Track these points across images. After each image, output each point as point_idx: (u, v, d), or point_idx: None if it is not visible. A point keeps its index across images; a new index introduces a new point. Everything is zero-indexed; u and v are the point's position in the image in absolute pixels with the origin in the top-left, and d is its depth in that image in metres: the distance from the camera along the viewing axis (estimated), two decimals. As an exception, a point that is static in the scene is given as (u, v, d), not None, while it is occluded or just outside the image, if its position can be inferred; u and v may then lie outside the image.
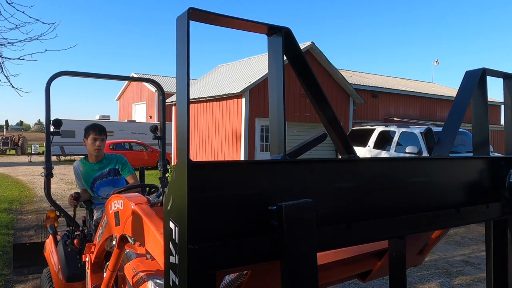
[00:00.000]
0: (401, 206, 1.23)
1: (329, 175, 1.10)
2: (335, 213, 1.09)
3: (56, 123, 3.50)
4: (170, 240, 0.88)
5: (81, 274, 2.91)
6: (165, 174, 4.17)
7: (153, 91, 30.86)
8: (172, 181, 0.89)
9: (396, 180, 1.25)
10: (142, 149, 20.25)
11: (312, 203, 0.94)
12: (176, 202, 0.87)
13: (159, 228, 1.60)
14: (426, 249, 1.99)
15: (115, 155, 3.76)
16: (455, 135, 1.47)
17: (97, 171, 3.55)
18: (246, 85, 13.59)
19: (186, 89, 0.87)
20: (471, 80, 1.51)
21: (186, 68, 0.87)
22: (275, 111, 1.15)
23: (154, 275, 2.18)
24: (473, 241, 7.24)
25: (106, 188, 3.52)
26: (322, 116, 1.27)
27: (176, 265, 0.86)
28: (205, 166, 0.88)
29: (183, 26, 0.89)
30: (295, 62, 1.18)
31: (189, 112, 0.87)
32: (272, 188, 0.97)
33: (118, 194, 2.08)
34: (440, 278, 5.30)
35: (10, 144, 30.26)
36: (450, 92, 23.99)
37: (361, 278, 1.99)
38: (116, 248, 2.13)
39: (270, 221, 0.93)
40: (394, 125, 12.75)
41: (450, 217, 1.33)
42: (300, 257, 0.92)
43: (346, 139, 1.32)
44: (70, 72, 3.77)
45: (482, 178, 1.48)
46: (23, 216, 8.78)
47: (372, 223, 1.15)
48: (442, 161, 1.38)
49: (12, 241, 6.63)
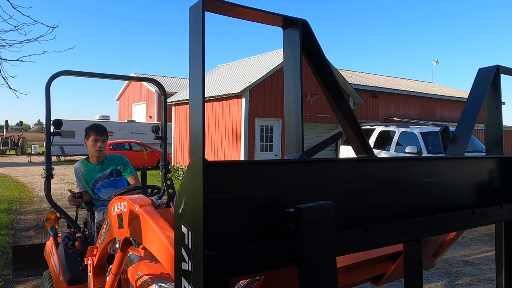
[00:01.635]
0: (418, 208, 1.19)
1: (347, 176, 1.06)
2: (352, 216, 1.05)
3: (57, 124, 3.48)
4: (182, 245, 0.83)
5: (82, 276, 2.88)
6: (167, 174, 4.14)
7: (153, 91, 30.82)
8: (184, 182, 0.83)
9: (413, 180, 1.21)
10: (142, 149, 20.25)
11: (332, 205, 0.90)
12: (188, 205, 0.82)
13: (165, 231, 1.56)
14: (440, 251, 1.94)
15: (117, 155, 3.73)
16: (470, 134, 1.43)
17: (98, 172, 3.51)
18: (246, 85, 13.59)
19: (201, 86, 0.81)
20: (484, 78, 1.47)
21: (201, 63, 0.80)
22: (292, 109, 1.08)
23: (158, 278, 2.16)
24: (473, 241, 7.24)
25: (108, 189, 3.49)
26: (338, 112, 1.20)
27: (189, 272, 0.80)
28: (221, 165, 0.83)
29: (197, 17, 0.81)
30: (312, 56, 1.11)
31: (204, 109, 0.81)
32: (289, 189, 0.92)
33: (121, 196, 2.05)
34: (440, 278, 5.30)
35: (10, 144, 30.23)
36: (450, 92, 23.99)
37: (374, 282, 1.93)
38: (120, 251, 2.09)
39: (287, 224, 0.88)
40: (394, 125, 12.75)
41: (466, 218, 1.30)
42: (319, 262, 0.87)
43: (363, 137, 1.25)
44: (70, 72, 3.76)
45: (496, 178, 1.45)
46: (23, 217, 8.77)
47: (390, 225, 1.10)
48: (458, 161, 1.34)
49: (12, 242, 6.62)
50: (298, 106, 1.07)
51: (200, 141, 0.79)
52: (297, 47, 1.04)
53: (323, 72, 1.13)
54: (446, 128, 1.60)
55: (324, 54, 1.11)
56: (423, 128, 11.76)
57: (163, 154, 4.15)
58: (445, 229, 1.35)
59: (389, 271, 1.84)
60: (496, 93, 1.50)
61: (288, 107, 1.10)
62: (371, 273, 1.84)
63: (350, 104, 16.96)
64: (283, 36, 1.08)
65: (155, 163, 19.09)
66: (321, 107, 14.75)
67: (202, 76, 0.80)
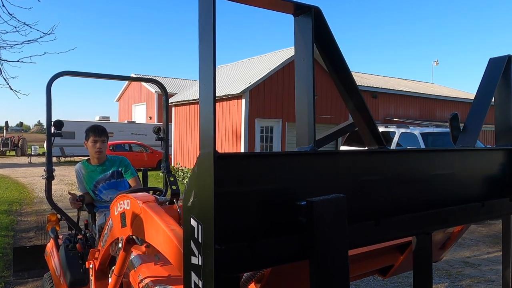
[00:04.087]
0: (428, 200, 1.19)
1: (359, 168, 1.05)
2: (364, 209, 1.04)
3: (58, 124, 3.48)
4: (192, 239, 0.81)
5: (83, 279, 2.87)
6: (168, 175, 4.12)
7: (153, 92, 30.82)
8: (194, 175, 0.81)
9: (424, 172, 1.20)
10: (142, 150, 20.24)
11: (344, 199, 0.88)
12: (198, 198, 0.80)
13: (170, 225, 1.55)
14: (447, 244, 1.92)
15: (118, 157, 3.71)
16: (480, 125, 1.41)
17: (99, 173, 3.50)
18: (246, 86, 13.59)
19: (212, 74, 0.77)
20: (495, 68, 1.45)
21: (212, 50, 0.77)
22: (304, 99, 1.05)
23: (160, 282, 2.16)
24: (473, 242, 7.23)
25: (109, 191, 3.48)
26: (349, 102, 1.17)
27: (199, 266, 0.79)
28: (232, 157, 0.81)
29: (208, 2, 0.78)
30: (325, 45, 1.08)
31: (215, 99, 0.78)
32: (300, 181, 0.91)
33: (124, 194, 2.04)
34: (441, 280, 5.29)
35: (10, 145, 30.23)
36: (450, 93, 23.99)
37: (382, 274, 1.91)
38: (122, 251, 2.08)
39: (298, 218, 0.86)
40: (394, 125, 12.74)
41: (476, 211, 1.29)
42: (331, 257, 0.85)
43: (375, 129, 1.22)
44: (71, 72, 3.76)
45: (505, 170, 1.43)
46: (23, 218, 8.76)
47: (400, 218, 1.09)
48: (468, 153, 1.33)
49: (12, 243, 6.61)
50: (310, 96, 1.03)
51: (211, 133, 0.77)
52: (309, 35, 1.01)
53: (336, 61, 1.10)
54: (455, 116, 1.56)
55: (336, 43, 1.08)
56: (423, 128, 11.75)
57: (164, 155, 4.12)
58: (455, 222, 1.34)
59: (397, 263, 1.81)
60: (507, 83, 1.48)
61: (300, 98, 1.06)
62: (379, 264, 1.82)
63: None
64: (294, 24, 1.05)
65: (155, 164, 19.08)
66: (321, 107, 14.74)
67: (213, 63, 0.77)
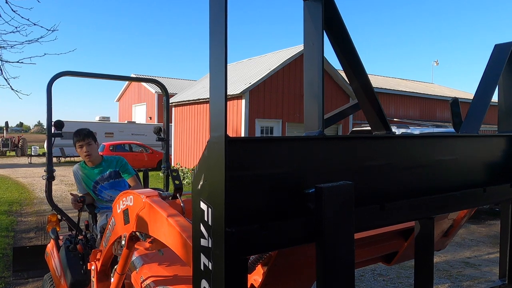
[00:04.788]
0: (431, 186, 1.20)
1: (366, 153, 1.06)
2: (369, 193, 1.05)
3: (58, 125, 3.47)
4: (202, 222, 0.83)
5: (84, 280, 2.86)
6: (168, 176, 4.12)
7: (153, 92, 30.83)
8: (204, 158, 0.83)
9: (428, 158, 1.21)
10: (142, 150, 20.24)
11: (352, 186, 0.89)
12: (208, 181, 0.81)
13: (174, 216, 1.55)
14: (451, 231, 1.93)
15: (115, 157, 3.70)
16: (484, 112, 1.42)
17: (97, 174, 3.49)
18: (246, 86, 13.60)
19: (223, 54, 0.78)
20: (501, 54, 1.46)
21: (224, 31, 0.77)
22: (314, 83, 1.05)
23: (162, 283, 2.16)
24: (474, 242, 7.23)
25: (109, 191, 3.47)
26: (355, 83, 1.16)
27: (209, 248, 0.81)
28: (243, 141, 0.83)
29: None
30: (333, 29, 1.09)
31: (227, 81, 0.78)
32: (308, 165, 0.93)
33: (127, 191, 2.04)
34: (441, 280, 5.29)
35: (10, 145, 30.24)
36: (450, 93, 23.99)
37: (386, 261, 1.91)
38: (126, 249, 2.07)
39: (306, 203, 0.88)
40: (394, 125, 12.74)
41: (477, 196, 1.30)
42: (338, 241, 0.88)
43: (382, 113, 1.22)
44: (72, 72, 3.75)
45: (507, 157, 1.45)
46: (23, 218, 8.76)
47: (405, 203, 1.11)
48: (471, 139, 1.35)
49: (12, 244, 6.61)
50: (320, 80, 1.04)
51: (222, 116, 0.78)
52: (319, 19, 1.02)
53: (344, 45, 1.11)
54: (455, 100, 1.56)
55: (346, 28, 1.09)
56: (423, 128, 11.76)
57: (165, 155, 4.12)
58: (457, 207, 1.36)
59: (402, 249, 1.81)
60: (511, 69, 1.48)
61: (308, 82, 1.07)
62: (383, 250, 1.82)
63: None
64: (304, 8, 1.05)
65: (155, 164, 19.09)
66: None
67: (225, 40, 0.77)
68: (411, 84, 24.65)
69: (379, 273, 5.48)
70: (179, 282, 2.19)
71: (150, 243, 2.03)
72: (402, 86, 21.64)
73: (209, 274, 0.81)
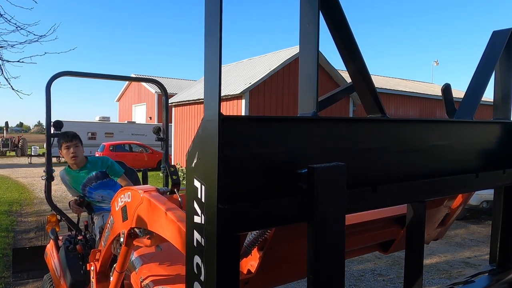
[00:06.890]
0: (424, 170, 1.21)
1: (359, 135, 1.07)
2: (362, 175, 1.06)
3: (57, 125, 3.48)
4: (195, 199, 0.83)
5: (84, 281, 2.85)
6: (167, 177, 4.11)
7: (153, 92, 30.82)
8: (198, 136, 0.84)
9: (422, 142, 1.22)
10: (142, 150, 20.24)
11: (345, 167, 0.90)
12: (202, 159, 0.82)
13: (172, 208, 1.56)
14: (446, 220, 1.93)
15: (99, 157, 3.65)
16: (480, 98, 1.41)
17: (83, 177, 3.45)
18: (246, 86, 13.59)
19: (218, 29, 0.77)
20: (498, 41, 1.46)
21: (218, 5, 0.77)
22: (309, 64, 1.05)
23: (161, 283, 2.16)
24: (473, 242, 7.23)
25: (98, 191, 3.44)
26: (351, 65, 1.15)
27: (202, 225, 0.82)
28: (237, 120, 0.83)
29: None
30: (330, 10, 1.08)
31: (221, 58, 0.78)
32: (302, 146, 0.93)
33: (126, 187, 2.04)
34: (441, 280, 5.29)
35: (10, 145, 30.25)
36: (450, 93, 23.97)
37: (383, 250, 1.91)
38: (124, 246, 2.07)
39: (298, 183, 0.89)
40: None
41: (470, 181, 1.32)
42: (329, 220, 0.88)
43: (376, 96, 1.22)
44: (71, 72, 3.76)
45: (501, 143, 1.45)
46: (23, 218, 8.76)
47: (397, 186, 1.12)
48: (466, 125, 1.35)
49: (12, 244, 6.61)
50: (314, 61, 1.03)
51: (216, 95, 0.79)
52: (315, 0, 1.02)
53: (340, 26, 1.11)
54: (448, 87, 1.57)
55: (342, 9, 1.08)
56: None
57: (164, 155, 4.12)
58: (449, 191, 1.37)
59: (398, 237, 1.81)
60: (509, 56, 1.48)
61: (303, 62, 1.06)
62: (379, 238, 1.82)
63: (350, 105, 16.86)
64: None
65: (155, 164, 19.09)
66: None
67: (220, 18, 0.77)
68: (411, 84, 24.65)
69: (379, 273, 5.47)
70: (178, 282, 2.19)
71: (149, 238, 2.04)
72: (402, 86, 21.63)
73: (202, 250, 0.82)
